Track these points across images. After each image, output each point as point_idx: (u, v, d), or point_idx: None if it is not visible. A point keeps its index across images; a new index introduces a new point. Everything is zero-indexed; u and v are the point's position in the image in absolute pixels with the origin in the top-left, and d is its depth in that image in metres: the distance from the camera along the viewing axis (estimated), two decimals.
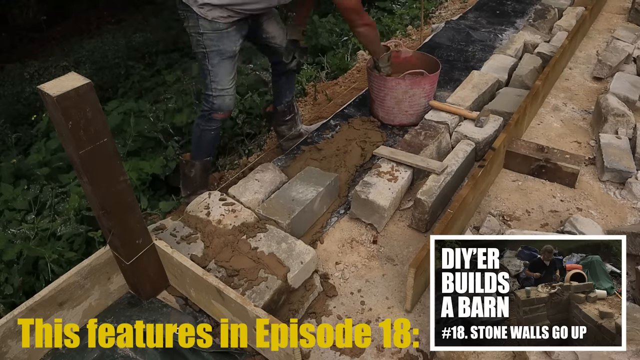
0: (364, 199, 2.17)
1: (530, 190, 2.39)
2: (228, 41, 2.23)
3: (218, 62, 2.25)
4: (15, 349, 1.60)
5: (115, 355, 1.68)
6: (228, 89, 2.32)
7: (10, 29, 9.03)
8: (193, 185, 2.56)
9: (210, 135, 2.45)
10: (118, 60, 6.24)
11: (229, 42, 2.23)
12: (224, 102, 2.33)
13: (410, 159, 2.35)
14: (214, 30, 2.19)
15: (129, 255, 1.70)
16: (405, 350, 1.72)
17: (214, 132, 2.45)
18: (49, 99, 1.29)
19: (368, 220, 2.23)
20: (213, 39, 2.21)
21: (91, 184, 1.47)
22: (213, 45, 2.22)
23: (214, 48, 2.23)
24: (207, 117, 2.39)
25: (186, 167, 2.55)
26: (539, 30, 3.85)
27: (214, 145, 2.53)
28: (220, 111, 2.36)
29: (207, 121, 2.40)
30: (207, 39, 2.21)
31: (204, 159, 2.52)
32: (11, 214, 2.68)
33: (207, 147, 2.50)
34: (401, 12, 5.45)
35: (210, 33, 2.19)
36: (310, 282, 1.91)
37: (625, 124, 2.60)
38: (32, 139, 4.00)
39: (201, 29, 2.19)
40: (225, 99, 2.33)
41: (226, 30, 2.21)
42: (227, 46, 2.24)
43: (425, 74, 2.75)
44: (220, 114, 2.37)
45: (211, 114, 2.37)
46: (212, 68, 2.26)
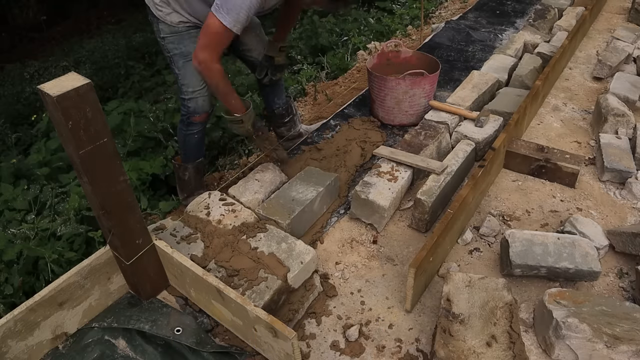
0: (364, 199, 2.17)
1: (530, 190, 2.39)
2: (190, 42, 2.16)
3: (183, 65, 2.20)
4: (16, 349, 1.60)
5: (115, 355, 1.68)
6: (199, 90, 2.25)
7: (10, 29, 9.02)
8: (189, 187, 2.56)
9: (194, 138, 2.41)
10: (118, 60, 6.23)
11: (191, 43, 2.16)
12: (197, 103, 2.28)
13: (410, 159, 2.35)
14: (172, 33, 2.15)
15: (129, 255, 1.70)
16: (405, 350, 1.72)
17: (197, 135, 2.41)
18: (49, 99, 1.29)
19: (368, 220, 2.23)
20: (174, 41, 2.17)
21: (91, 184, 1.47)
22: (175, 48, 2.18)
23: (176, 51, 2.18)
24: (187, 122, 2.36)
25: (180, 171, 2.54)
26: (539, 30, 3.85)
27: (201, 147, 2.50)
28: (196, 113, 2.31)
29: (187, 125, 2.37)
30: (169, 43, 2.17)
31: (195, 161, 2.50)
32: (11, 214, 2.68)
33: (194, 150, 2.47)
34: (401, 12, 5.45)
35: (170, 36, 2.16)
36: (310, 282, 1.91)
37: (625, 124, 2.60)
38: (32, 139, 4.00)
39: (162, 33, 2.16)
40: (198, 101, 2.27)
41: (187, 31, 2.16)
42: (189, 47, 2.16)
43: (425, 74, 2.75)
44: (197, 116, 2.32)
45: (189, 118, 2.33)
46: (179, 71, 2.22)
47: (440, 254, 1.98)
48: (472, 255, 2.07)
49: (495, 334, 1.57)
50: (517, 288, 1.91)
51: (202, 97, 2.27)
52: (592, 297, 1.69)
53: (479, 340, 1.56)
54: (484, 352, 1.53)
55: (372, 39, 4.96)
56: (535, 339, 1.72)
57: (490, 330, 1.59)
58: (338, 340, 1.77)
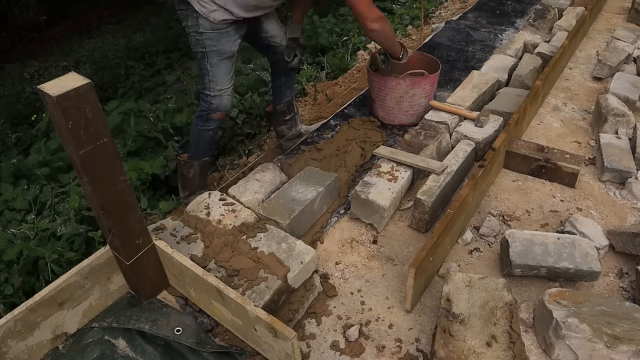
0: (364, 199, 2.17)
1: (530, 190, 2.39)
2: (227, 41, 2.23)
3: (217, 62, 2.26)
4: (16, 349, 1.60)
5: (115, 355, 1.68)
6: (226, 89, 2.32)
7: (10, 29, 9.02)
8: (192, 185, 2.56)
9: (209, 135, 2.45)
10: (118, 60, 6.24)
11: (227, 42, 2.24)
12: (221, 102, 2.34)
13: (410, 159, 2.35)
14: (213, 29, 2.19)
15: (129, 255, 1.70)
16: (405, 350, 1.72)
17: (212, 132, 2.46)
18: (49, 99, 1.29)
19: (368, 220, 2.23)
20: (212, 38, 2.21)
21: (91, 184, 1.47)
22: (212, 45, 2.22)
23: (213, 48, 2.23)
24: (205, 117, 2.39)
25: (184, 168, 2.55)
26: (539, 30, 3.85)
27: (211, 145, 2.54)
28: (218, 111, 2.37)
29: (205, 121, 2.40)
30: (207, 39, 2.21)
31: (202, 159, 2.52)
32: (11, 214, 2.68)
33: (205, 147, 2.50)
34: (401, 12, 5.45)
35: (210, 32, 2.19)
36: (310, 282, 1.91)
37: (625, 124, 2.60)
38: (32, 139, 4.00)
39: (201, 28, 2.18)
40: (223, 99, 2.34)
41: (225, 30, 2.21)
42: (226, 46, 2.24)
43: (426, 74, 2.74)
44: (218, 113, 2.38)
45: (209, 114, 2.37)
46: (210, 68, 2.27)
47: (440, 254, 1.98)
48: (472, 255, 2.07)
49: (495, 334, 1.57)
50: (517, 288, 1.91)
51: (227, 96, 2.35)
52: (592, 297, 1.69)
53: (479, 340, 1.56)
54: (484, 352, 1.53)
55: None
56: (535, 339, 1.72)
57: (490, 330, 1.59)
58: (338, 340, 1.77)
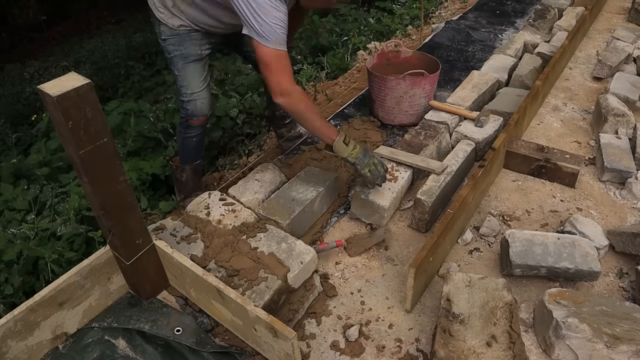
0: (363, 199, 2.17)
1: (530, 190, 2.39)
2: (191, 44, 2.17)
3: (183, 66, 2.20)
4: (16, 349, 1.60)
5: (115, 355, 1.68)
6: (198, 92, 2.24)
7: (10, 29, 9.02)
8: (186, 189, 2.56)
9: (193, 142, 2.41)
10: (118, 60, 6.23)
11: (191, 45, 2.17)
12: (196, 106, 2.27)
13: (410, 159, 2.35)
14: (173, 35, 2.15)
15: (129, 255, 1.70)
16: (405, 350, 1.72)
17: (196, 139, 2.40)
18: (49, 99, 1.29)
19: (368, 220, 2.23)
20: (174, 43, 2.16)
21: (91, 184, 1.47)
22: (175, 50, 2.18)
23: (176, 52, 2.18)
24: (185, 124, 2.35)
25: (177, 172, 2.54)
26: (539, 30, 3.85)
27: (199, 150, 2.49)
28: (194, 116, 2.29)
29: (185, 128, 2.36)
30: (169, 44, 2.17)
31: (193, 163, 2.50)
32: (11, 214, 2.68)
33: (191, 152, 2.47)
34: (401, 12, 5.45)
35: (171, 38, 2.16)
36: (310, 282, 1.91)
37: (625, 124, 2.60)
38: (32, 139, 4.00)
39: (163, 35, 2.16)
40: (197, 103, 2.26)
41: (187, 34, 2.15)
42: (189, 50, 2.17)
43: (426, 74, 2.75)
44: (195, 119, 2.31)
45: (187, 120, 2.32)
46: (178, 73, 2.22)
47: (440, 254, 1.98)
48: (472, 255, 2.07)
49: (495, 334, 1.57)
50: (517, 288, 1.91)
51: (200, 100, 2.26)
52: (592, 297, 1.69)
53: (479, 340, 1.56)
54: (484, 352, 1.53)
55: (372, 39, 4.96)
56: (535, 339, 1.72)
57: (490, 330, 1.59)
58: (338, 340, 1.77)
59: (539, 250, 1.88)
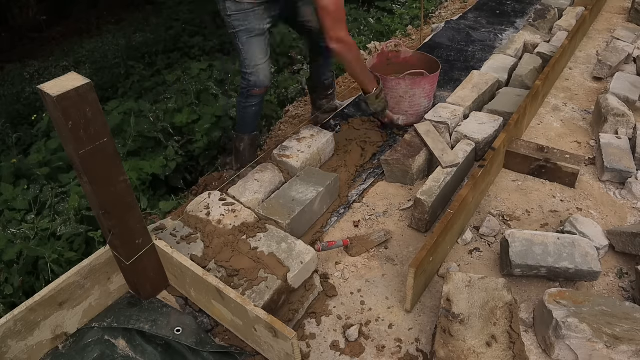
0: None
1: (530, 190, 2.39)
2: (254, 19, 2.33)
3: (247, 40, 2.36)
4: (16, 349, 1.60)
5: (115, 355, 1.68)
6: (261, 65, 2.42)
7: (10, 29, 9.01)
8: (242, 159, 2.72)
9: (253, 110, 2.58)
10: (118, 60, 6.22)
11: (255, 20, 2.33)
12: (258, 77, 2.43)
13: (433, 143, 2.45)
14: (238, 10, 2.29)
15: (129, 255, 1.70)
16: (405, 350, 1.72)
17: (256, 107, 2.57)
18: (49, 99, 1.29)
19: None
20: (239, 18, 2.31)
21: (91, 184, 1.47)
22: (240, 25, 2.33)
23: (241, 27, 2.33)
24: (246, 94, 2.51)
25: (237, 141, 2.70)
26: (539, 30, 3.85)
27: (256, 119, 2.67)
28: (257, 87, 2.47)
29: (246, 98, 2.52)
30: (235, 20, 2.32)
31: (251, 133, 2.67)
32: (11, 214, 2.67)
33: (250, 122, 2.64)
34: (401, 12, 5.45)
35: (236, 14, 2.30)
36: (310, 282, 1.91)
37: (625, 124, 2.60)
38: (32, 139, 3.99)
39: (228, 11, 2.30)
40: (259, 75, 2.43)
41: (252, 10, 2.30)
42: (253, 24, 2.34)
43: (426, 74, 2.74)
44: (257, 89, 2.48)
45: (249, 91, 2.48)
46: (242, 47, 2.38)
47: (440, 254, 1.98)
48: (472, 255, 2.07)
49: (495, 334, 1.57)
50: (517, 288, 1.91)
51: (263, 72, 2.44)
52: (592, 297, 1.69)
53: (479, 340, 1.56)
54: (484, 352, 1.53)
55: (372, 39, 4.96)
56: (535, 339, 1.72)
57: (490, 330, 1.59)
58: (338, 340, 1.77)
59: (539, 250, 1.88)
